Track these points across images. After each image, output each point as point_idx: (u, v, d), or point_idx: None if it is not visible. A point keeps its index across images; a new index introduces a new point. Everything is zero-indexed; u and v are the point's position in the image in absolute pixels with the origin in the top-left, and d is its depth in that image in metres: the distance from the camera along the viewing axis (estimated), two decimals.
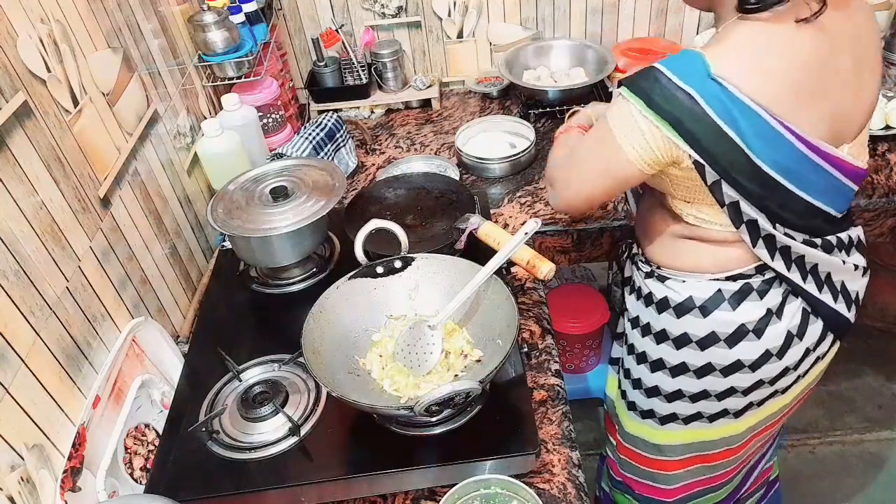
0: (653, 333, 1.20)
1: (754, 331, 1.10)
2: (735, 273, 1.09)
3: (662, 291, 1.17)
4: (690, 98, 0.90)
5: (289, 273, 1.36)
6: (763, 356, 1.12)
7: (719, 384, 1.16)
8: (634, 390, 1.30)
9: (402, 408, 0.94)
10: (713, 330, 1.12)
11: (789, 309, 1.10)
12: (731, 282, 1.10)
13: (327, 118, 1.71)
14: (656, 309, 1.18)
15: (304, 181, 1.33)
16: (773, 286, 1.09)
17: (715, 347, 1.13)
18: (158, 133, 1.38)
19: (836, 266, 1.09)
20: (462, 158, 1.71)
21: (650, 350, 1.22)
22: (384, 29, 2.01)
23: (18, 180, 0.92)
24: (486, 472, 0.96)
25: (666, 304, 1.16)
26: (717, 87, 0.89)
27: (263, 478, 0.98)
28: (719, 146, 0.92)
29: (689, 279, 1.13)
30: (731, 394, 1.17)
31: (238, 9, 1.63)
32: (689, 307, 1.13)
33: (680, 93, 0.90)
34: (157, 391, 1.14)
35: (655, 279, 1.18)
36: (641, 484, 1.44)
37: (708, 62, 0.90)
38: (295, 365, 1.14)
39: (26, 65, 0.97)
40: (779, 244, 1.03)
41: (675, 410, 1.24)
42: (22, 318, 0.89)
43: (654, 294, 1.18)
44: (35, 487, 0.85)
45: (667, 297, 1.16)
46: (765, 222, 1.00)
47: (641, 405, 1.30)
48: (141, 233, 1.25)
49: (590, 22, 2.02)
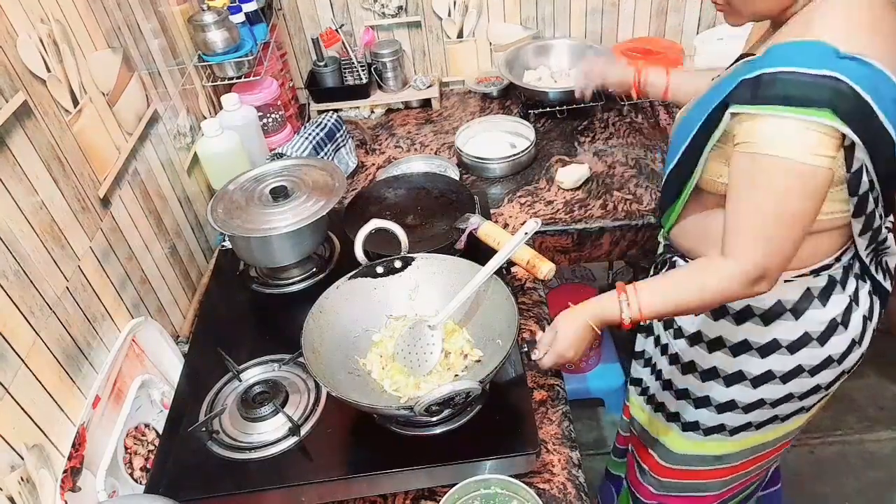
0: (728, 346, 1.14)
1: (842, 323, 1.09)
2: (820, 265, 1.05)
3: (741, 301, 1.09)
4: (836, 80, 0.83)
5: (289, 273, 1.36)
6: (849, 346, 1.11)
7: (806, 384, 1.14)
8: (699, 409, 1.24)
9: (402, 408, 0.94)
10: (806, 331, 1.09)
11: (862, 293, 1.10)
12: (815, 277, 1.06)
13: (327, 118, 1.71)
14: (733, 320, 1.12)
15: (304, 181, 1.33)
16: (850, 273, 1.08)
17: (806, 349, 1.10)
18: (158, 133, 1.38)
19: (892, 247, 1.10)
20: (462, 158, 1.71)
21: (723, 364, 1.16)
22: (384, 29, 2.01)
23: (18, 180, 0.92)
24: (486, 471, 0.96)
25: (748, 314, 1.10)
26: (853, 64, 0.84)
27: (263, 478, 0.98)
28: (870, 124, 0.86)
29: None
30: (815, 392, 1.15)
31: (238, 9, 1.63)
32: (779, 312, 1.08)
33: (821, 79, 0.84)
34: (157, 391, 1.14)
35: None
36: (682, 498, 1.41)
37: (831, 44, 0.85)
38: (295, 365, 1.14)
39: (26, 65, 0.97)
40: (873, 227, 1.01)
41: (750, 420, 1.21)
42: (22, 317, 0.88)
43: (728, 306, 1.11)
44: (35, 487, 0.85)
45: (749, 306, 1.09)
46: (873, 206, 0.96)
47: (707, 423, 1.25)
48: (141, 233, 1.25)
49: (590, 21, 2.02)
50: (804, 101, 0.84)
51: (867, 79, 0.84)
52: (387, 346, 1.10)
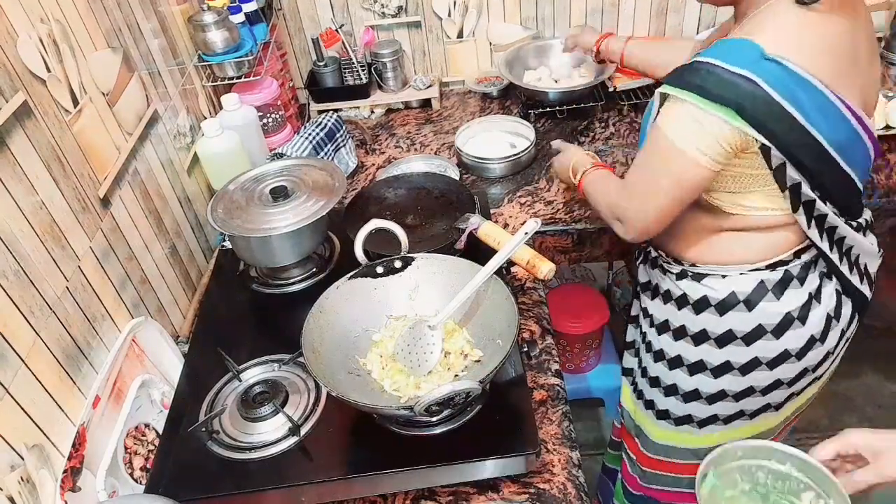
0: (689, 336, 1.18)
1: (799, 318, 1.10)
2: (775, 260, 1.09)
3: (699, 291, 1.15)
4: (749, 81, 0.89)
5: (289, 273, 1.36)
6: (808, 343, 1.12)
7: (765, 378, 1.16)
8: (668, 397, 1.27)
9: (402, 408, 0.94)
10: (759, 323, 1.11)
11: (826, 291, 1.11)
12: (771, 271, 1.09)
13: (327, 118, 1.71)
14: (693, 310, 1.16)
15: (304, 181, 1.33)
16: (811, 270, 1.10)
17: (761, 341, 1.12)
18: (158, 133, 1.38)
19: (864, 247, 1.11)
20: (462, 158, 1.71)
21: (687, 353, 1.20)
22: (384, 29, 2.01)
23: (18, 180, 0.92)
24: (486, 472, 0.96)
25: (705, 304, 1.14)
26: (775, 66, 0.89)
27: (263, 478, 0.98)
28: (783, 126, 0.91)
29: (730, 273, 1.11)
30: (776, 386, 1.17)
31: (238, 8, 1.63)
32: (733, 303, 1.12)
33: (737, 78, 0.89)
34: (157, 391, 1.14)
35: (690, 279, 1.16)
36: (668, 493, 1.43)
37: (758, 44, 0.90)
38: (295, 365, 1.14)
39: (26, 64, 0.97)
40: (827, 225, 1.04)
41: (716, 412, 1.23)
42: (22, 317, 0.88)
43: (688, 295, 1.16)
44: (35, 487, 0.85)
45: (706, 296, 1.14)
46: (819, 203, 1.00)
47: (676, 412, 1.27)
48: (141, 233, 1.25)
49: (590, 22, 2.01)
50: (713, 96, 0.91)
51: (783, 83, 0.89)
52: (387, 346, 1.10)
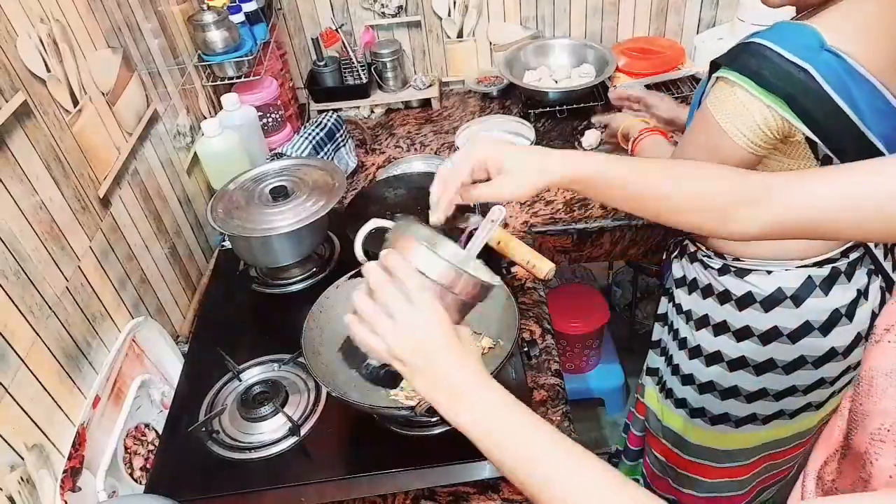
0: (732, 332, 1.15)
1: (846, 314, 1.08)
2: (823, 258, 1.06)
3: (743, 287, 1.12)
4: (804, 72, 0.86)
5: (289, 273, 1.35)
6: (855, 340, 1.10)
7: (809, 377, 1.14)
8: (703, 394, 1.24)
9: (402, 408, 0.94)
10: (807, 319, 1.09)
11: (873, 288, 1.10)
12: (818, 267, 1.07)
13: (327, 118, 1.71)
14: (736, 306, 1.13)
15: (304, 181, 1.33)
16: (858, 267, 1.08)
17: (808, 338, 1.10)
18: (158, 133, 1.38)
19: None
20: None
21: (728, 349, 1.17)
22: (384, 28, 2.01)
23: (18, 180, 0.92)
24: (486, 472, 0.96)
25: (750, 300, 1.12)
26: (832, 58, 0.86)
27: (263, 478, 0.98)
28: (833, 121, 0.88)
29: (776, 269, 1.08)
30: (819, 385, 1.15)
31: (238, 8, 1.63)
32: (779, 299, 1.09)
33: (792, 67, 0.86)
34: (157, 391, 1.14)
35: (732, 275, 1.13)
36: (700, 498, 1.41)
37: (819, 33, 0.86)
38: (295, 365, 1.14)
39: (26, 64, 0.97)
40: None
41: (754, 411, 1.21)
42: (21, 317, 0.88)
43: (731, 291, 1.13)
44: (35, 487, 0.85)
45: (750, 293, 1.11)
46: None
47: (712, 409, 1.25)
48: (141, 233, 1.25)
49: (590, 21, 2.01)
50: (766, 83, 0.88)
51: (839, 77, 0.86)
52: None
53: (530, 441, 0.60)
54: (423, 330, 0.63)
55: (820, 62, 0.86)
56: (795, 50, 0.87)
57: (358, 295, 0.67)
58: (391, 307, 0.64)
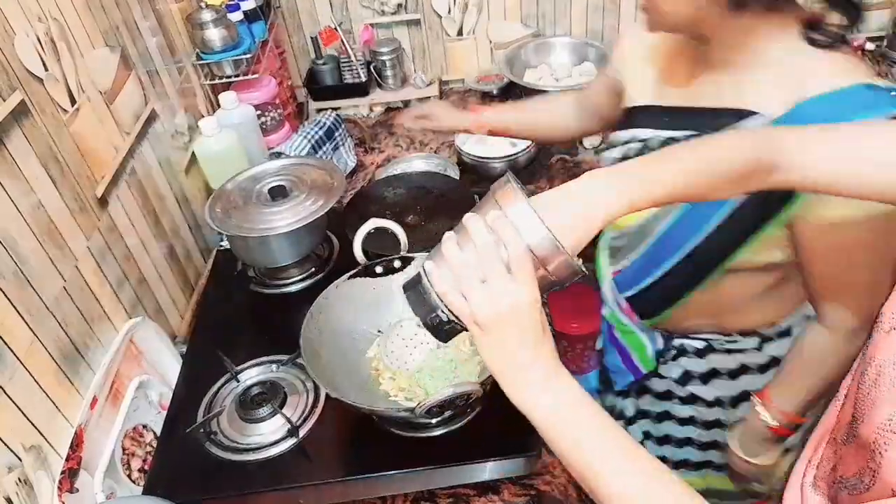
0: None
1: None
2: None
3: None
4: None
5: (287, 273, 1.35)
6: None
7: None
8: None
9: (402, 410, 0.93)
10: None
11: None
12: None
13: (326, 117, 1.70)
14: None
15: (303, 180, 1.32)
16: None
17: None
18: (156, 132, 1.38)
19: None
20: (462, 157, 1.70)
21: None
22: (383, 27, 2.00)
23: (16, 180, 0.91)
24: (486, 473, 0.96)
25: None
26: None
27: (261, 479, 0.98)
28: None
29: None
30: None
31: (236, 6, 1.62)
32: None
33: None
34: (155, 392, 1.14)
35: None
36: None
37: (873, 84, 0.75)
38: (293, 366, 1.14)
39: (24, 63, 0.96)
40: None
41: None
42: (19, 318, 0.88)
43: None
44: (32, 489, 0.85)
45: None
46: None
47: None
48: (138, 232, 1.24)
49: (591, 19, 2.01)
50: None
51: None
52: (380, 360, 1.09)
53: (593, 444, 0.61)
54: (515, 304, 0.61)
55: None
56: (874, 110, 0.74)
57: (449, 246, 0.64)
58: (488, 271, 0.61)
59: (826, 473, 0.61)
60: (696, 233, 0.92)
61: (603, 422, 0.62)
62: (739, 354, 1.06)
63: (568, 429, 0.62)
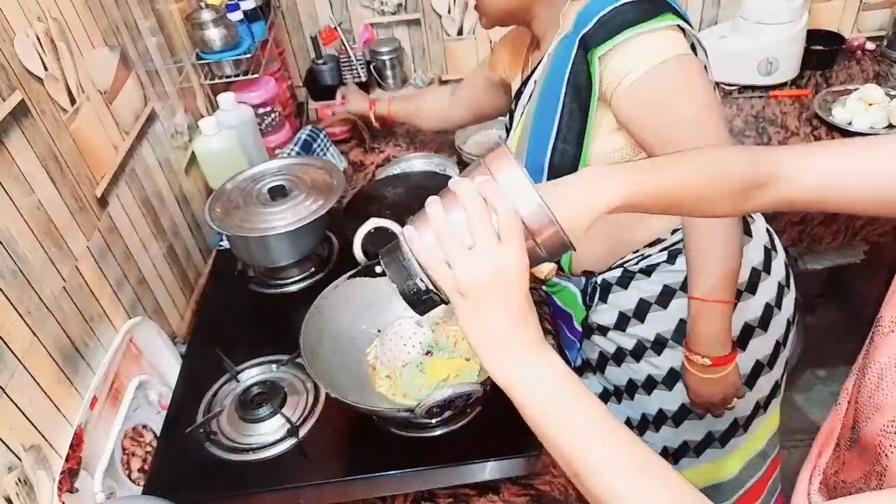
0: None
1: (764, 269, 1.16)
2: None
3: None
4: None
5: (287, 273, 1.35)
6: (779, 291, 1.18)
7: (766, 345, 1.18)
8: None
9: (402, 410, 0.93)
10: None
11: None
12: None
13: (301, 133, 1.67)
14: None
15: (303, 180, 1.32)
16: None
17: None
18: (156, 132, 1.38)
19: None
20: (462, 157, 1.70)
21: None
22: (383, 26, 2.00)
23: (15, 179, 0.91)
24: (486, 473, 0.96)
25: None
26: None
27: (261, 479, 0.98)
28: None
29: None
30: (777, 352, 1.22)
31: (236, 6, 1.62)
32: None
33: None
34: (155, 392, 1.14)
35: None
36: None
37: None
38: (293, 366, 1.13)
39: (23, 63, 0.96)
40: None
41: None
42: (19, 317, 0.88)
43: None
44: (32, 489, 0.85)
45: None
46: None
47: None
48: (138, 232, 1.24)
49: None
50: (650, 14, 0.90)
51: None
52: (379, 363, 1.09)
53: (580, 426, 0.58)
54: (504, 272, 0.57)
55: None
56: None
57: (435, 209, 0.60)
58: (477, 238, 0.57)
59: (830, 478, 0.61)
60: (544, 151, 1.02)
61: (589, 403, 0.59)
62: (658, 274, 1.11)
63: (551, 408, 0.59)
